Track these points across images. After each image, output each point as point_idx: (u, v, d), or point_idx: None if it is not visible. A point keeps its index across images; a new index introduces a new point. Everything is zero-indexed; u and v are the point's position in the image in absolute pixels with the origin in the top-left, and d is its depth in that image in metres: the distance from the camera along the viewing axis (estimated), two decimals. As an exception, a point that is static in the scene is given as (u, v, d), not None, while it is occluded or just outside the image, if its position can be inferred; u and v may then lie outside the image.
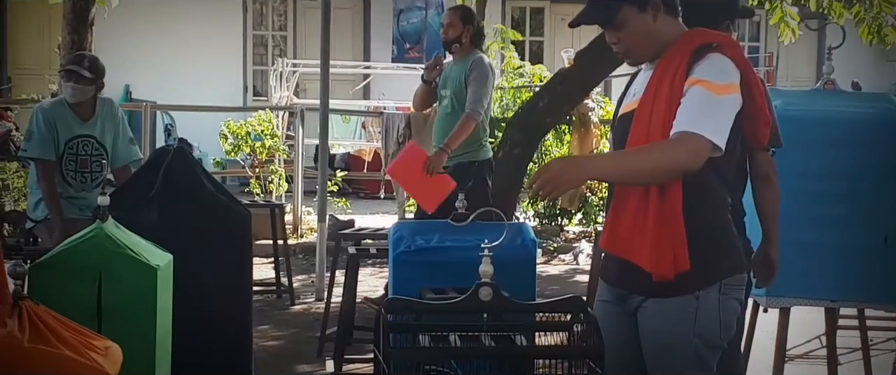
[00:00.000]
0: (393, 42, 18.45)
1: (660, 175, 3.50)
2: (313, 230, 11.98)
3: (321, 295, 8.90)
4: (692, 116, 3.47)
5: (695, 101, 3.48)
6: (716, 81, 3.50)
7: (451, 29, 8.02)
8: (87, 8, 9.83)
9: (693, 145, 3.43)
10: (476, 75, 7.76)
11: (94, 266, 4.39)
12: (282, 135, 12.42)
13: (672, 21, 3.72)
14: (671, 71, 3.59)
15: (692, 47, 3.59)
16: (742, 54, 3.65)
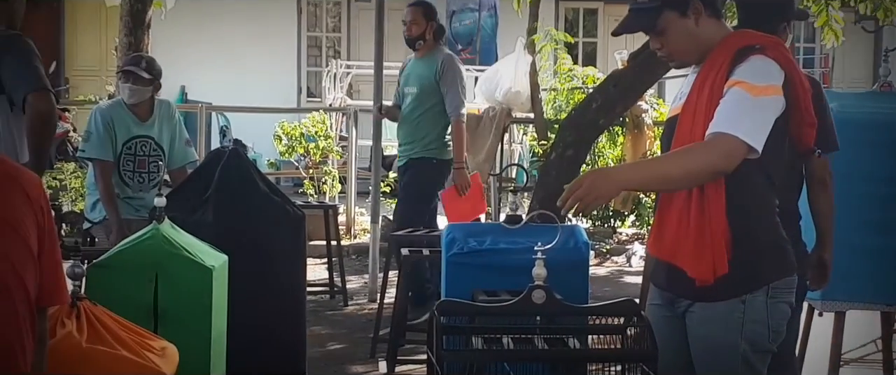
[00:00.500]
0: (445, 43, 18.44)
1: (692, 179, 3.49)
2: (366, 231, 12.03)
3: (374, 296, 8.93)
4: (727, 117, 3.46)
5: (731, 102, 3.47)
6: (755, 82, 3.48)
7: (415, 26, 8.06)
8: (144, 10, 9.92)
9: (725, 147, 3.42)
10: (451, 77, 7.81)
11: (151, 266, 4.44)
12: (335, 137, 12.47)
13: (715, 23, 3.70)
14: (713, 73, 3.59)
15: (734, 49, 3.58)
16: (787, 56, 3.63)
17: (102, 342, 3.34)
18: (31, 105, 4.82)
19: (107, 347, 3.34)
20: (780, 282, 3.62)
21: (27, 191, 2.77)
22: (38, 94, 4.83)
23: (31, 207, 2.76)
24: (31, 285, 2.73)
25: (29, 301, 2.73)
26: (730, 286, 3.54)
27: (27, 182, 2.80)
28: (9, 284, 2.67)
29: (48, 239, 2.80)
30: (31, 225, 2.74)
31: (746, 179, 3.52)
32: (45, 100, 4.85)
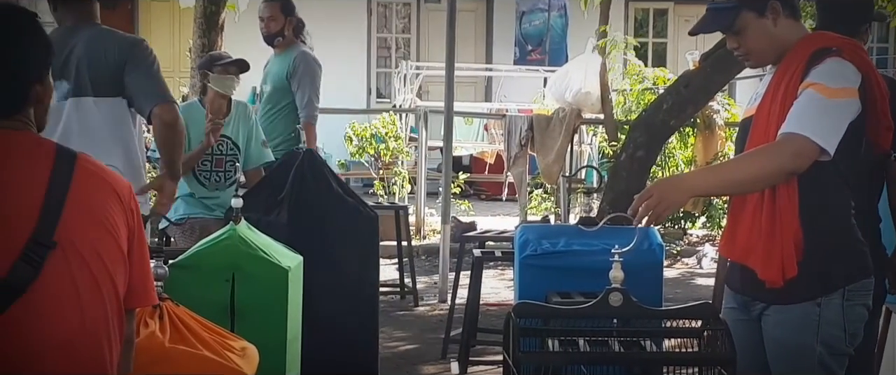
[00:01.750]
0: (515, 44, 18.47)
1: (763, 181, 3.48)
2: (436, 231, 12.06)
3: (444, 296, 8.96)
4: (799, 118, 3.44)
5: (804, 104, 3.45)
6: (829, 85, 3.45)
7: (273, 22, 7.86)
8: (218, 12, 10.03)
9: (795, 147, 3.41)
10: (302, 75, 7.63)
11: (228, 267, 4.49)
12: (405, 137, 12.51)
13: (793, 24, 3.68)
14: (788, 74, 3.57)
15: (811, 51, 3.55)
16: (865, 58, 3.60)
17: (184, 342, 3.38)
18: (158, 116, 4.92)
19: (189, 347, 3.38)
20: (856, 285, 3.58)
21: (119, 193, 2.81)
22: (164, 107, 4.93)
23: (122, 209, 2.80)
24: (121, 286, 2.77)
25: (119, 302, 2.77)
26: (803, 288, 3.52)
27: (118, 184, 2.84)
28: (101, 285, 2.71)
29: (137, 241, 2.84)
30: (123, 227, 2.79)
31: (819, 181, 3.50)
32: (170, 112, 4.95)
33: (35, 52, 2.79)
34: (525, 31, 18.37)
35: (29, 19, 2.81)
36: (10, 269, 2.60)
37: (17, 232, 2.63)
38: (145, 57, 5.05)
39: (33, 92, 2.78)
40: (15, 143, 2.74)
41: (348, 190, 6.00)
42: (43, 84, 2.80)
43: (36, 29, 2.80)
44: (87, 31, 5.02)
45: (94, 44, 4.98)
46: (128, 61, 4.97)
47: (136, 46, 5.08)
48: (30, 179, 2.69)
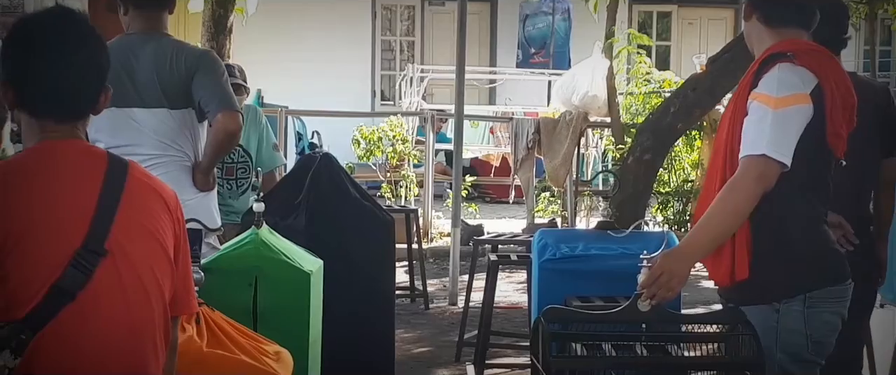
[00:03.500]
0: (518, 47, 18.50)
1: (744, 214, 3.47)
2: (443, 234, 12.09)
3: (454, 299, 8.99)
4: (753, 138, 3.44)
5: (754, 120, 3.45)
6: (775, 94, 3.45)
7: None
8: (226, 15, 10.06)
9: (757, 171, 3.41)
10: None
11: (251, 270, 4.52)
12: (412, 140, 12.53)
13: (764, 29, 3.68)
14: (742, 84, 3.60)
15: (762, 58, 3.57)
16: (824, 62, 3.57)
17: (222, 346, 3.41)
18: (220, 122, 4.94)
19: (226, 352, 3.41)
20: (820, 292, 3.54)
21: (166, 202, 2.85)
22: (229, 114, 4.96)
23: (170, 218, 2.84)
24: (168, 294, 2.81)
25: (165, 309, 2.80)
26: (758, 291, 3.53)
27: (166, 193, 2.88)
28: (150, 292, 2.74)
29: (182, 250, 2.88)
30: (170, 236, 2.83)
31: (773, 189, 3.47)
32: (234, 120, 4.98)
33: (100, 60, 2.82)
34: (528, 34, 18.40)
35: (93, 27, 2.84)
36: (61, 275, 2.63)
37: (69, 238, 2.66)
38: (215, 66, 5.09)
39: (101, 100, 2.82)
40: (69, 151, 2.78)
41: (364, 194, 6.03)
42: (106, 94, 2.84)
43: (100, 37, 2.83)
44: (156, 40, 5.04)
45: (163, 54, 5.00)
46: (198, 70, 5.00)
47: (205, 56, 5.13)
48: (82, 187, 2.73)
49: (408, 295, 9.07)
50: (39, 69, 2.77)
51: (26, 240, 2.64)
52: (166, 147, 4.91)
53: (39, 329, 2.62)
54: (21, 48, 2.78)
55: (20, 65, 2.78)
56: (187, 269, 2.92)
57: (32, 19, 2.85)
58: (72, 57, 2.77)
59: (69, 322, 2.63)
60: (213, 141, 5.02)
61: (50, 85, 2.77)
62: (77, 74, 2.78)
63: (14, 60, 2.79)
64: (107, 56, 2.85)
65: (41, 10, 2.87)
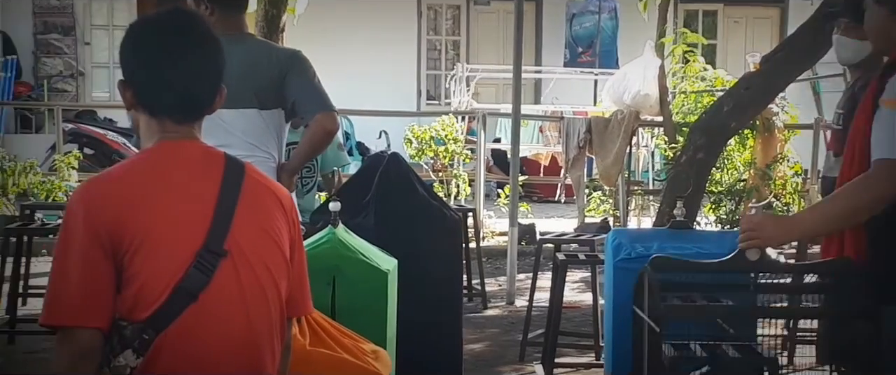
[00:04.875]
0: (565, 46, 18.46)
1: (865, 214, 3.44)
2: (494, 233, 12.08)
3: (512, 298, 8.98)
4: (881, 141, 3.40)
5: (881, 124, 3.41)
6: None
7: None
8: (279, 15, 10.09)
9: (889, 174, 3.36)
10: None
11: (329, 270, 4.53)
12: (462, 140, 12.52)
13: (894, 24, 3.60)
14: (870, 88, 3.56)
15: (888, 62, 3.53)
16: None
17: (324, 344, 3.42)
18: (319, 122, 4.95)
19: (328, 350, 3.42)
20: None
21: (282, 203, 2.86)
22: (328, 115, 4.97)
23: (285, 219, 2.85)
24: (284, 295, 2.82)
25: (282, 309, 2.82)
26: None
27: (281, 194, 2.89)
28: (267, 292, 2.75)
29: (297, 251, 2.89)
30: (286, 236, 2.84)
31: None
32: (334, 120, 5.01)
33: (217, 60, 2.83)
34: (575, 33, 18.35)
35: (210, 28, 2.85)
36: (183, 276, 2.65)
37: (190, 239, 2.68)
38: (307, 66, 5.08)
39: (217, 101, 2.83)
40: (187, 152, 2.79)
41: (432, 193, 6.04)
42: (221, 94, 2.85)
43: (216, 37, 2.84)
44: (244, 41, 5.03)
45: (253, 55, 4.99)
46: (290, 71, 4.99)
47: (296, 56, 5.11)
48: (201, 189, 2.75)
49: (466, 294, 9.05)
50: (158, 70, 2.78)
51: (149, 241, 2.66)
52: (254, 148, 4.91)
53: (162, 330, 2.65)
54: (140, 48, 2.80)
55: (138, 66, 2.79)
56: (303, 270, 2.93)
57: (151, 19, 2.87)
58: (190, 57, 2.78)
59: (191, 322, 2.65)
60: (309, 141, 5.01)
61: (168, 85, 2.78)
62: (195, 75, 2.79)
63: (133, 60, 2.80)
64: (223, 56, 2.86)
65: (160, 11, 2.88)
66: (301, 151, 5.07)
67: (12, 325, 7.29)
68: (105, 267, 2.65)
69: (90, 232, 2.64)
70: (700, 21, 19.38)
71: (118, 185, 2.73)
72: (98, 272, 2.64)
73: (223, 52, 2.86)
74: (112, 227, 2.65)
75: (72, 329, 2.63)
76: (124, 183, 2.74)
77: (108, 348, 2.66)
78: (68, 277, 2.64)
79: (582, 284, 9.59)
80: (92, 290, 2.64)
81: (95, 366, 2.65)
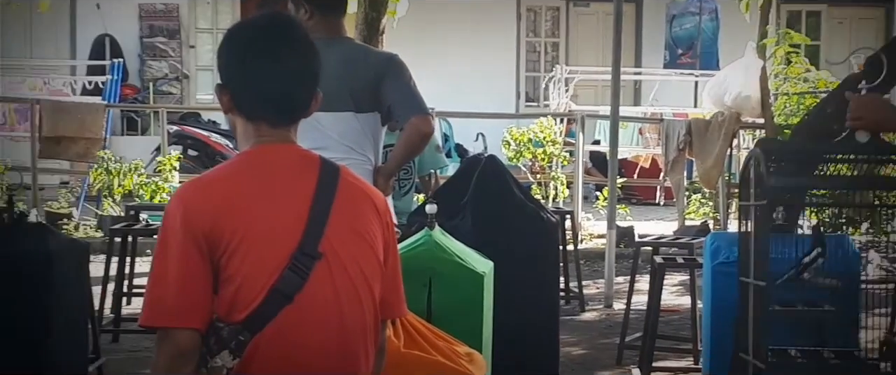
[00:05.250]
0: (665, 47, 18.34)
1: None
2: (592, 236, 12.03)
3: (610, 301, 8.94)
4: None
5: None
6: None
7: None
8: (378, 18, 10.15)
9: None
10: None
11: (425, 271, 4.56)
12: (561, 142, 12.50)
13: None
14: None
15: None
16: None
17: (418, 347, 3.45)
18: (416, 126, 4.98)
19: (422, 352, 3.44)
20: None
21: (376, 206, 2.89)
22: (423, 118, 5.01)
23: (379, 221, 2.87)
24: (378, 297, 2.84)
25: (376, 312, 2.84)
26: None
27: (376, 197, 2.92)
28: (361, 295, 2.78)
29: (391, 254, 2.92)
30: (380, 239, 2.86)
31: None
32: (429, 124, 5.04)
33: (313, 65, 2.86)
34: (675, 35, 18.23)
35: (306, 32, 2.89)
36: (279, 278, 2.69)
37: (285, 242, 2.72)
38: (404, 69, 5.12)
39: (312, 104, 2.87)
40: (283, 155, 2.83)
41: (530, 196, 6.05)
42: (317, 98, 2.88)
43: (312, 42, 2.88)
44: (342, 44, 5.07)
45: (351, 58, 5.04)
46: (386, 74, 5.03)
47: (392, 60, 5.16)
48: (296, 191, 2.78)
49: (563, 297, 9.04)
50: (254, 73, 2.81)
51: (246, 243, 2.70)
52: (350, 150, 4.94)
53: (258, 331, 2.69)
54: (236, 52, 2.84)
55: (235, 70, 2.84)
56: (397, 273, 2.95)
57: (248, 24, 2.91)
58: (286, 62, 2.81)
59: (286, 324, 2.69)
60: (405, 144, 5.04)
61: (264, 89, 2.81)
62: (290, 79, 2.82)
63: (230, 64, 2.85)
64: (319, 61, 2.89)
65: (257, 15, 2.92)
66: (397, 154, 5.09)
67: (117, 324, 7.44)
68: (202, 269, 2.70)
69: (188, 234, 2.69)
70: (803, 22, 19.11)
71: (215, 188, 2.78)
72: (196, 274, 2.69)
73: (319, 56, 2.89)
74: (209, 230, 2.69)
75: (171, 329, 2.69)
76: (221, 186, 2.78)
77: (206, 348, 2.70)
78: (167, 279, 2.70)
79: (681, 287, 9.52)
80: (190, 292, 2.69)
81: (193, 366, 2.70)
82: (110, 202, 11.76)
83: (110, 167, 11.74)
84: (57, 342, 5.50)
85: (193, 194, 2.78)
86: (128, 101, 16.79)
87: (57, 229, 11.36)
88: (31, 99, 12.98)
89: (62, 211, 12.12)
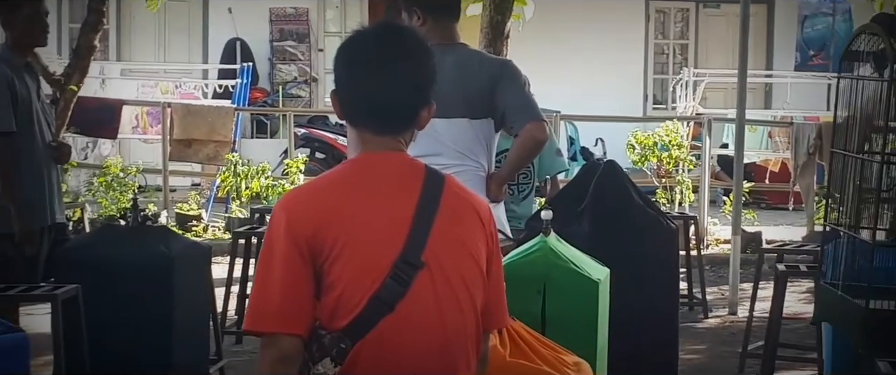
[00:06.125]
0: (796, 49, 18.01)
1: None
2: (719, 241, 11.87)
3: (734, 308, 8.81)
4: None
5: None
6: None
7: None
8: (503, 21, 10.13)
9: None
10: None
11: (539, 278, 4.52)
12: (687, 146, 12.35)
13: None
14: None
15: None
16: None
17: (524, 356, 3.43)
18: (529, 131, 4.98)
19: (528, 361, 3.42)
20: None
21: (480, 215, 2.87)
22: (538, 124, 5.01)
23: (483, 231, 2.86)
24: (480, 307, 2.83)
25: (477, 322, 2.83)
26: None
27: (480, 207, 2.91)
28: (462, 304, 2.77)
29: (494, 264, 2.90)
30: (483, 249, 2.85)
31: None
32: (544, 130, 5.04)
33: (421, 77, 2.85)
34: (807, 36, 17.88)
35: (422, 44, 2.89)
36: (380, 286, 2.69)
37: (388, 249, 2.73)
38: (518, 75, 5.12)
39: (422, 114, 2.86)
40: (387, 164, 2.84)
41: (649, 202, 5.98)
42: (429, 109, 2.88)
43: (430, 54, 2.88)
44: (456, 51, 5.08)
45: (466, 64, 5.04)
46: (500, 80, 5.03)
47: (506, 65, 5.16)
48: (400, 199, 2.79)
49: (686, 303, 8.93)
50: (358, 82, 2.83)
51: (348, 250, 2.71)
52: (463, 157, 4.94)
53: (359, 339, 2.69)
54: (344, 60, 2.86)
55: (343, 77, 2.86)
56: (500, 283, 2.93)
57: (360, 32, 2.91)
58: (390, 72, 2.81)
59: (387, 332, 2.70)
60: (519, 150, 5.02)
61: (366, 98, 2.82)
62: (393, 89, 2.81)
63: (339, 72, 2.87)
64: (432, 71, 2.87)
65: (371, 24, 2.94)
66: (511, 161, 5.07)
67: (240, 326, 7.54)
68: (305, 275, 2.72)
69: (291, 240, 2.71)
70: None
71: (319, 195, 2.80)
72: (298, 280, 2.71)
73: (434, 67, 2.88)
74: (312, 236, 2.71)
75: (274, 335, 2.71)
76: (325, 193, 2.80)
77: (308, 355, 2.72)
78: (270, 285, 2.72)
79: (809, 294, 9.33)
80: (292, 298, 2.71)
81: (295, 371, 2.72)
82: (238, 204, 11.94)
83: (238, 170, 11.92)
84: (178, 343, 5.61)
85: (297, 201, 2.81)
86: (257, 105, 17.03)
87: (186, 230, 11.62)
88: (162, 102, 13.26)
89: (192, 212, 12.33)
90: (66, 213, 9.75)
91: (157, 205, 12.39)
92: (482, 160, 5.06)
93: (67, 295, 5.17)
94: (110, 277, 5.54)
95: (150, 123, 14.00)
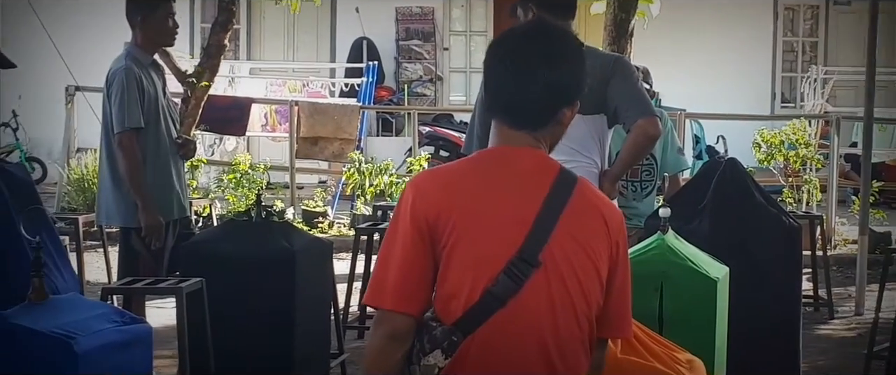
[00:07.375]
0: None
1: None
2: (846, 241, 11.65)
3: (861, 309, 8.65)
4: None
5: None
6: None
7: None
8: (628, 19, 10.09)
9: None
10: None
11: (657, 276, 4.50)
12: (815, 144, 12.16)
13: None
14: None
15: None
16: None
17: (636, 353, 3.42)
18: (641, 127, 4.98)
19: (640, 359, 3.41)
20: None
21: (608, 223, 2.87)
22: (650, 120, 5.01)
23: (607, 237, 2.85)
24: (595, 312, 2.83)
25: (592, 328, 2.83)
26: None
27: (610, 215, 2.90)
28: (578, 310, 2.78)
29: (621, 274, 2.90)
30: (605, 257, 2.84)
31: None
32: (656, 126, 5.03)
33: (561, 76, 2.87)
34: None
35: (580, 49, 2.92)
36: (494, 281, 2.72)
37: (505, 245, 2.75)
38: (631, 71, 5.13)
39: (562, 113, 2.89)
40: (520, 159, 2.86)
41: (771, 200, 5.91)
42: (572, 109, 2.90)
43: (582, 58, 2.91)
44: None
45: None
46: (613, 76, 5.04)
47: (619, 61, 5.18)
48: (525, 196, 2.81)
49: (812, 303, 8.80)
50: (498, 77, 2.88)
51: (465, 241, 2.74)
52: (575, 153, 4.93)
53: (470, 333, 2.72)
54: (491, 55, 2.91)
55: (488, 71, 2.91)
56: (625, 293, 2.92)
57: (512, 31, 2.98)
58: (527, 72, 2.84)
59: (498, 328, 2.72)
60: (631, 146, 5.01)
61: (502, 93, 2.87)
62: (529, 88, 2.85)
63: (486, 65, 2.92)
64: (579, 71, 2.90)
65: (524, 23, 3.03)
66: (623, 157, 5.06)
67: (362, 321, 7.63)
68: (424, 257, 2.76)
69: (414, 219, 2.76)
70: None
71: (446, 180, 2.85)
72: (417, 259, 2.76)
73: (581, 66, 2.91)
74: (434, 220, 2.76)
75: (388, 311, 2.76)
76: (452, 178, 2.85)
77: (419, 346, 2.76)
78: (391, 262, 2.78)
79: (942, 296, 9.13)
80: (410, 278, 2.75)
81: (404, 349, 2.76)
82: (363, 201, 12.07)
83: (362, 167, 12.05)
84: (300, 337, 5.70)
85: (426, 182, 2.87)
86: (383, 103, 17.18)
87: (312, 227, 11.79)
88: (290, 100, 13.46)
89: (318, 209, 12.50)
90: (195, 209, 10.02)
91: (284, 202, 12.59)
92: (595, 156, 5.05)
93: (192, 289, 5.27)
94: (233, 271, 5.63)
95: (278, 121, 14.23)
